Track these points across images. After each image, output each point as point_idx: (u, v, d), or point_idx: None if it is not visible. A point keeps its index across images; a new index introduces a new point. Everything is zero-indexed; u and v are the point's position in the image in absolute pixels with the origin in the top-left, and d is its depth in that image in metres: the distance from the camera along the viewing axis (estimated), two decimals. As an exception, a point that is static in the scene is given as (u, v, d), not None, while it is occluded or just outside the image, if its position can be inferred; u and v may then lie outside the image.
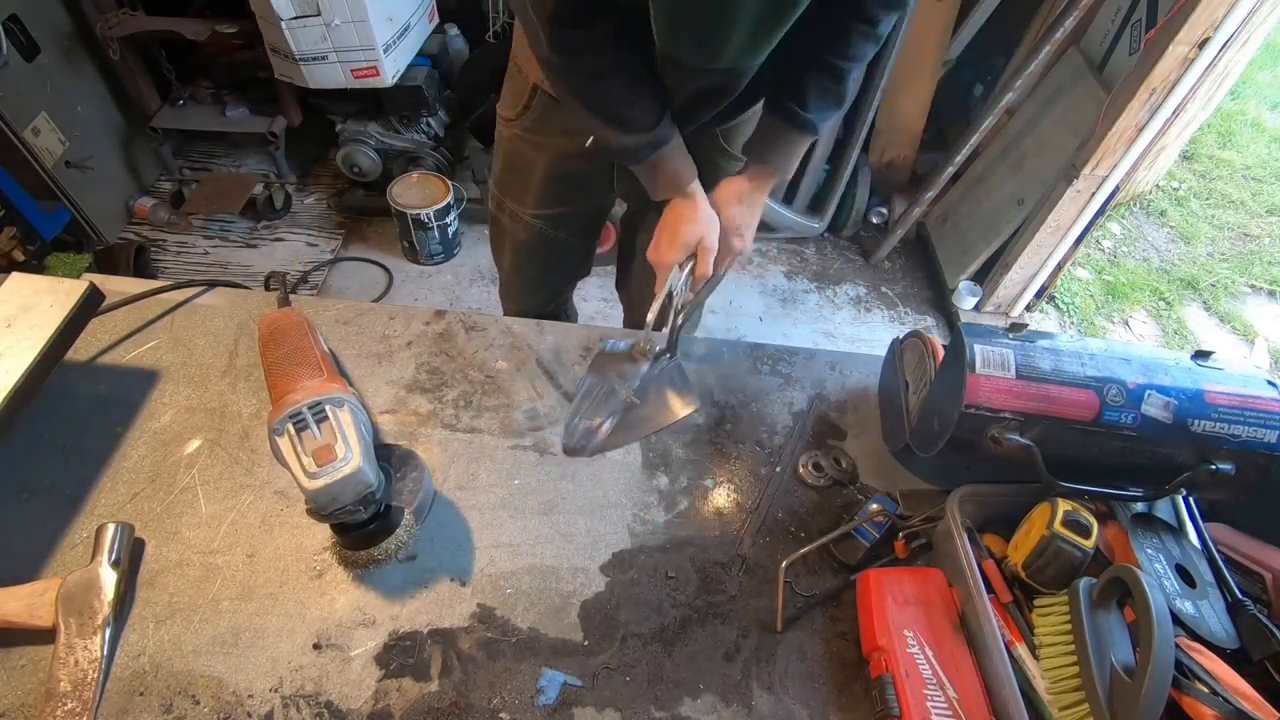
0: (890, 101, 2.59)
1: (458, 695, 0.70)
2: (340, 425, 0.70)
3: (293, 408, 0.70)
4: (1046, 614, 0.71)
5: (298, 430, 0.69)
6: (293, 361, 0.79)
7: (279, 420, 0.69)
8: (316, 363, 0.79)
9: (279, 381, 0.76)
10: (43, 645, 0.67)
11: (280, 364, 0.79)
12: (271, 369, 0.80)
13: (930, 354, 0.88)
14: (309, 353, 0.80)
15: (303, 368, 0.77)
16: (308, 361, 0.79)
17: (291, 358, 0.79)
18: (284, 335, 0.83)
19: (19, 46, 1.97)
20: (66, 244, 2.27)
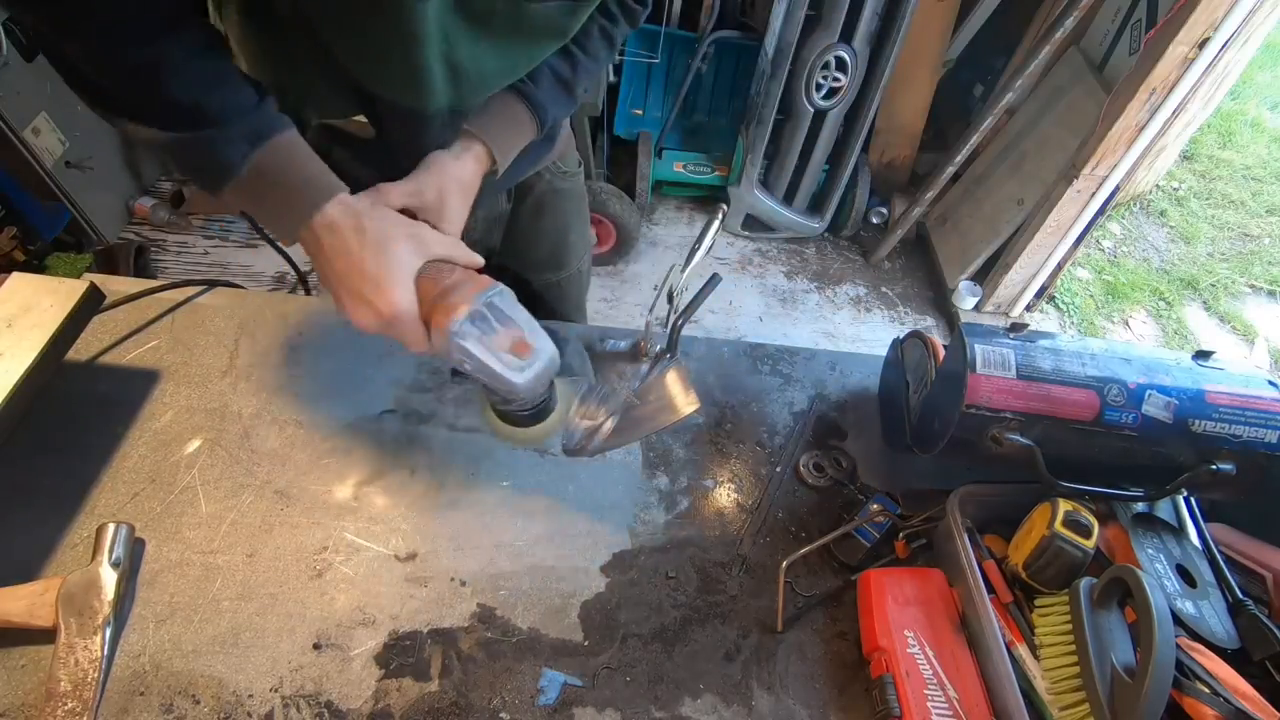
0: (890, 101, 2.59)
1: (458, 695, 0.70)
2: (515, 313, 0.66)
3: (467, 308, 0.62)
4: (1047, 614, 0.71)
5: (482, 331, 0.64)
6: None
7: (457, 325, 0.62)
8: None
9: (422, 284, 0.66)
10: (43, 645, 0.67)
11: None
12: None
13: (930, 354, 0.88)
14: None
15: (437, 264, 0.68)
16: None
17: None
18: None
19: (19, 46, 1.96)
20: (66, 244, 2.27)
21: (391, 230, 0.63)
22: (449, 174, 0.71)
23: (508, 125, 0.76)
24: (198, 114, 0.55)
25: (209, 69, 0.57)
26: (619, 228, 2.48)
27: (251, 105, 0.58)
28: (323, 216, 0.61)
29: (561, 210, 1.10)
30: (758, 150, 2.43)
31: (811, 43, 2.16)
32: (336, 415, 0.89)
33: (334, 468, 0.84)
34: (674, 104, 2.46)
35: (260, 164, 0.58)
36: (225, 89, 0.57)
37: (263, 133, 0.58)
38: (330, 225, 0.61)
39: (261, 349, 0.94)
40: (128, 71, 0.54)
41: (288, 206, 0.61)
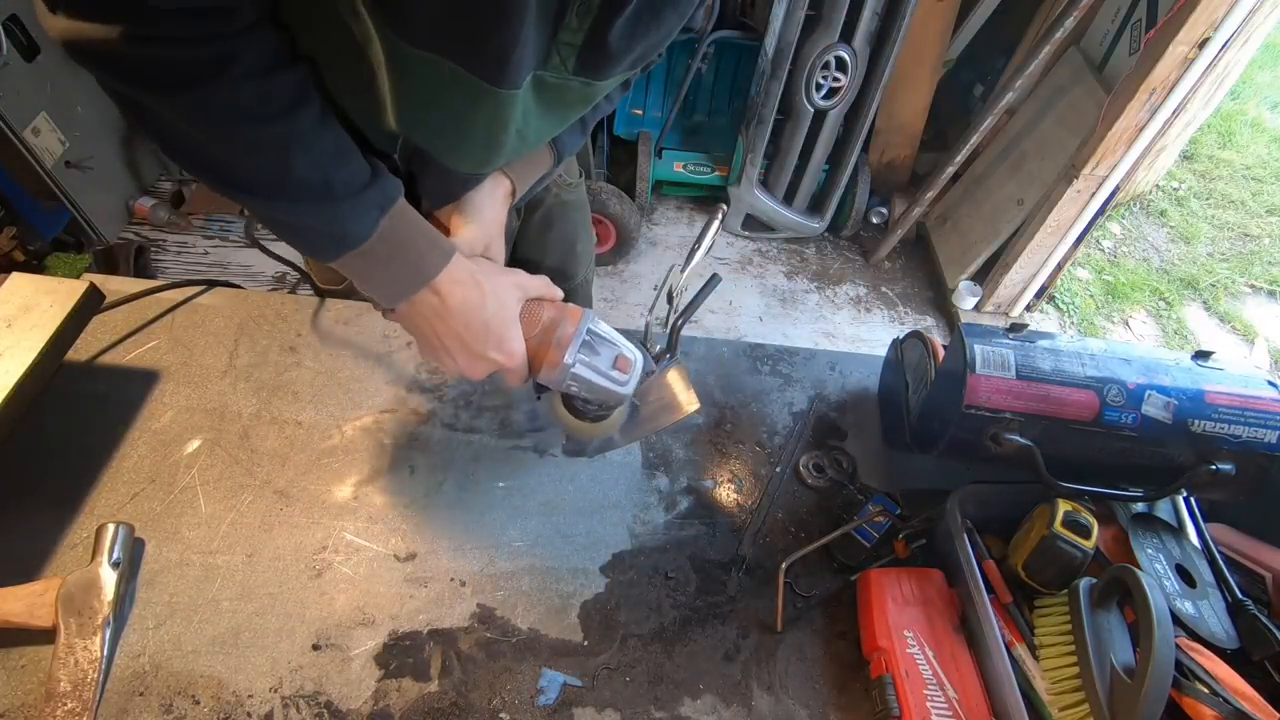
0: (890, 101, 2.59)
1: (458, 695, 0.70)
2: (607, 334, 0.73)
3: (576, 338, 0.69)
4: (1046, 614, 0.71)
5: (588, 356, 0.70)
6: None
7: (570, 357, 0.68)
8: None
9: (526, 321, 0.71)
10: (43, 645, 0.67)
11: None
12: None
13: (930, 354, 0.88)
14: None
15: (531, 301, 0.73)
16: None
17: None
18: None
19: (19, 46, 1.96)
20: (66, 244, 2.27)
21: (502, 281, 0.66)
22: (491, 220, 0.72)
23: (532, 163, 0.78)
24: (327, 188, 0.54)
25: (335, 141, 0.55)
26: (619, 228, 2.48)
27: (371, 173, 0.57)
28: (449, 274, 0.61)
29: (569, 221, 1.11)
30: (758, 150, 2.43)
31: (811, 43, 2.16)
32: (336, 415, 0.89)
33: (334, 468, 0.84)
34: (674, 104, 2.46)
35: (387, 230, 0.58)
36: (352, 160, 0.56)
37: (389, 199, 0.58)
38: (456, 281, 0.62)
39: (261, 349, 0.94)
40: (254, 150, 0.52)
41: (415, 268, 0.61)
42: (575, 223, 1.14)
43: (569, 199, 1.10)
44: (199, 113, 0.49)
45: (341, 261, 0.59)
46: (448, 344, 0.65)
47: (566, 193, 1.09)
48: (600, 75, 0.61)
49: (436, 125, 0.61)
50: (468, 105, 0.58)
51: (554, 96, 0.63)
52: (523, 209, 1.06)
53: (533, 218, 1.07)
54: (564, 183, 1.08)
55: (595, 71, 0.60)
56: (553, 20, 0.54)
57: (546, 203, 1.07)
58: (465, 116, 0.59)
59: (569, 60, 0.58)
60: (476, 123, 0.60)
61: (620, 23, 0.54)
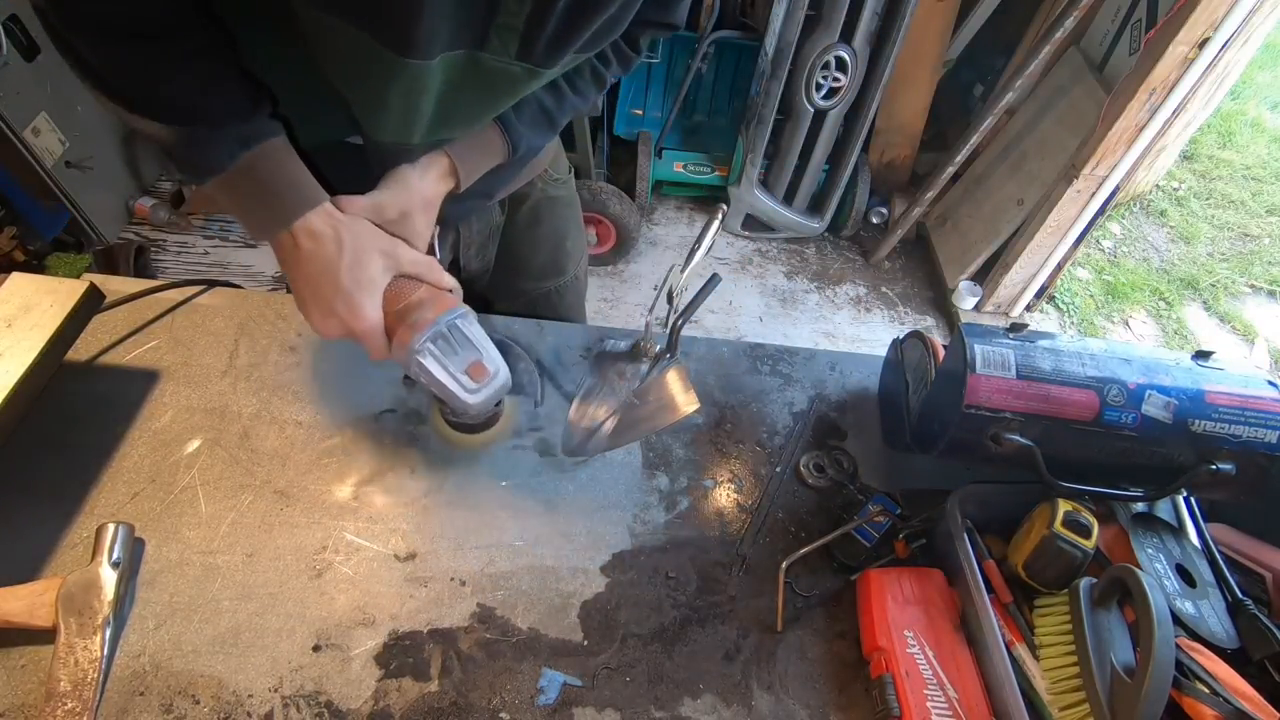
0: (890, 101, 2.59)
1: (458, 695, 0.70)
2: (479, 340, 0.70)
3: (430, 327, 0.66)
4: (1046, 614, 0.71)
5: (442, 350, 0.68)
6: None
7: (419, 342, 0.66)
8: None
9: (390, 297, 0.69)
10: (43, 645, 0.67)
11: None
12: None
13: (930, 354, 0.88)
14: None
15: (405, 279, 0.71)
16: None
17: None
18: None
19: (19, 46, 1.96)
20: (66, 244, 2.27)
21: (369, 243, 0.65)
22: (414, 190, 0.71)
23: (477, 147, 0.76)
24: (192, 113, 0.57)
25: (206, 70, 0.58)
26: (619, 228, 2.48)
27: (245, 110, 0.59)
28: (305, 222, 0.62)
29: (557, 217, 1.10)
30: (758, 150, 2.43)
31: (811, 43, 2.16)
32: (336, 415, 0.89)
33: (334, 468, 0.84)
34: (674, 104, 2.46)
35: (248, 163, 0.60)
36: (221, 92, 0.59)
37: (253, 137, 0.60)
38: (311, 232, 0.62)
39: (261, 349, 0.94)
40: (128, 67, 0.56)
41: (270, 208, 0.62)
42: (565, 219, 1.12)
43: (557, 194, 1.09)
44: (78, 19, 0.53)
45: (206, 187, 0.61)
46: (302, 293, 0.65)
47: (554, 188, 1.08)
48: (545, 62, 0.61)
49: (355, 92, 0.63)
50: (379, 74, 0.59)
51: (492, 80, 0.63)
52: (507, 203, 1.05)
53: (519, 211, 1.06)
54: (551, 178, 1.06)
55: (539, 57, 0.60)
56: (485, 1, 0.54)
57: (533, 197, 1.06)
58: (378, 85, 0.60)
59: (510, 45, 0.58)
60: (390, 91, 0.61)
61: (560, 6, 0.54)
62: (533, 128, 0.77)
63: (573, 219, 1.15)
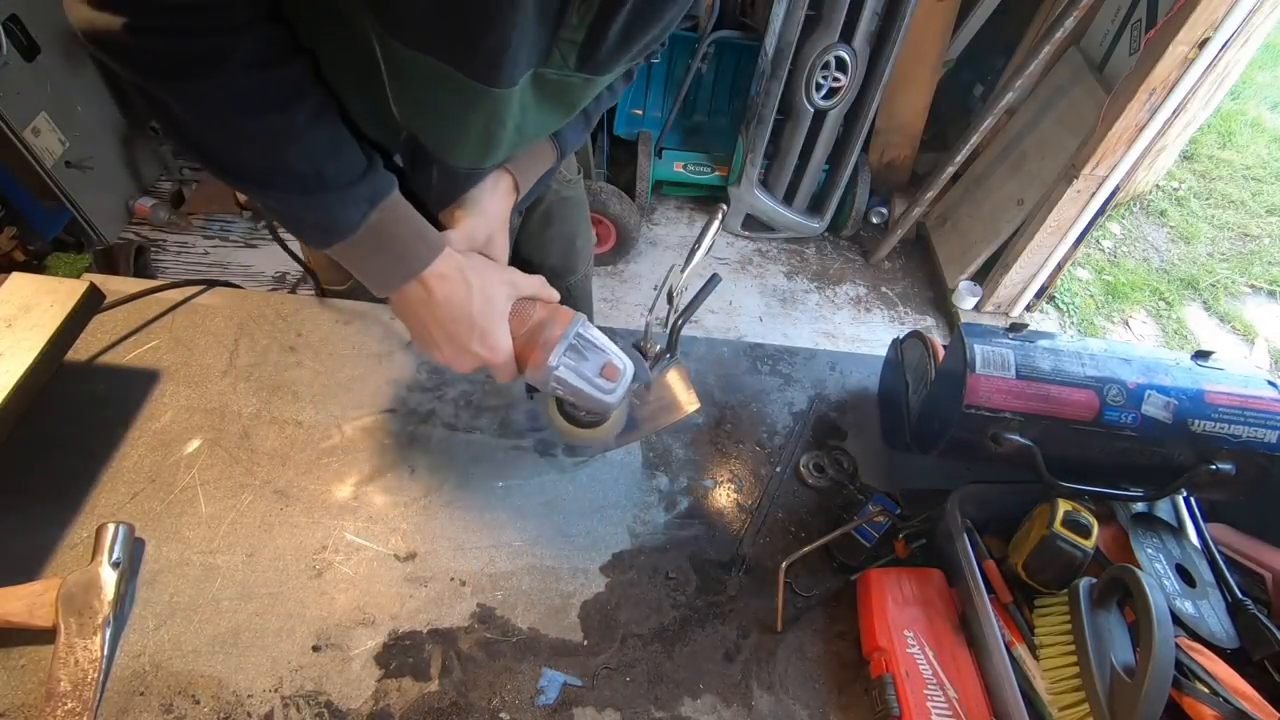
0: (890, 101, 2.59)
1: (458, 695, 0.70)
2: (603, 341, 0.72)
3: (561, 343, 0.69)
4: (1046, 614, 0.71)
5: (575, 361, 0.70)
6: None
7: (555, 359, 0.69)
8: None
9: (514, 320, 0.71)
10: (43, 645, 0.67)
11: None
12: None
13: (930, 354, 0.88)
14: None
15: (522, 301, 0.73)
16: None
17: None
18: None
19: (19, 46, 1.96)
20: (66, 244, 2.27)
21: (492, 277, 0.67)
22: (493, 215, 0.72)
23: (534, 159, 0.77)
24: (319, 180, 0.56)
25: (329, 135, 0.56)
26: (619, 228, 2.48)
27: (365, 167, 0.58)
28: (434, 269, 0.63)
29: (569, 217, 1.11)
30: (758, 150, 2.43)
31: (811, 43, 2.16)
32: (336, 415, 0.89)
33: (334, 468, 0.84)
34: (674, 104, 2.46)
35: (378, 221, 0.60)
36: (346, 154, 0.57)
37: (380, 194, 0.60)
38: (441, 275, 0.63)
39: (261, 349, 0.94)
40: (249, 140, 0.53)
41: (401, 260, 0.62)
42: (575, 219, 1.14)
43: (568, 195, 1.10)
44: (197, 102, 0.51)
45: (332, 250, 0.61)
46: (434, 335, 0.66)
47: (566, 189, 1.09)
48: (602, 70, 0.61)
49: (434, 122, 0.62)
50: (463, 104, 0.58)
51: (554, 92, 0.64)
52: (524, 207, 1.06)
53: (533, 215, 1.07)
54: (563, 179, 1.08)
55: (597, 66, 0.60)
56: (553, 18, 0.54)
57: (546, 199, 1.07)
58: (461, 115, 0.60)
59: (570, 57, 0.58)
60: (472, 121, 0.61)
61: (621, 18, 0.55)
62: (574, 129, 0.79)
63: (582, 218, 1.17)
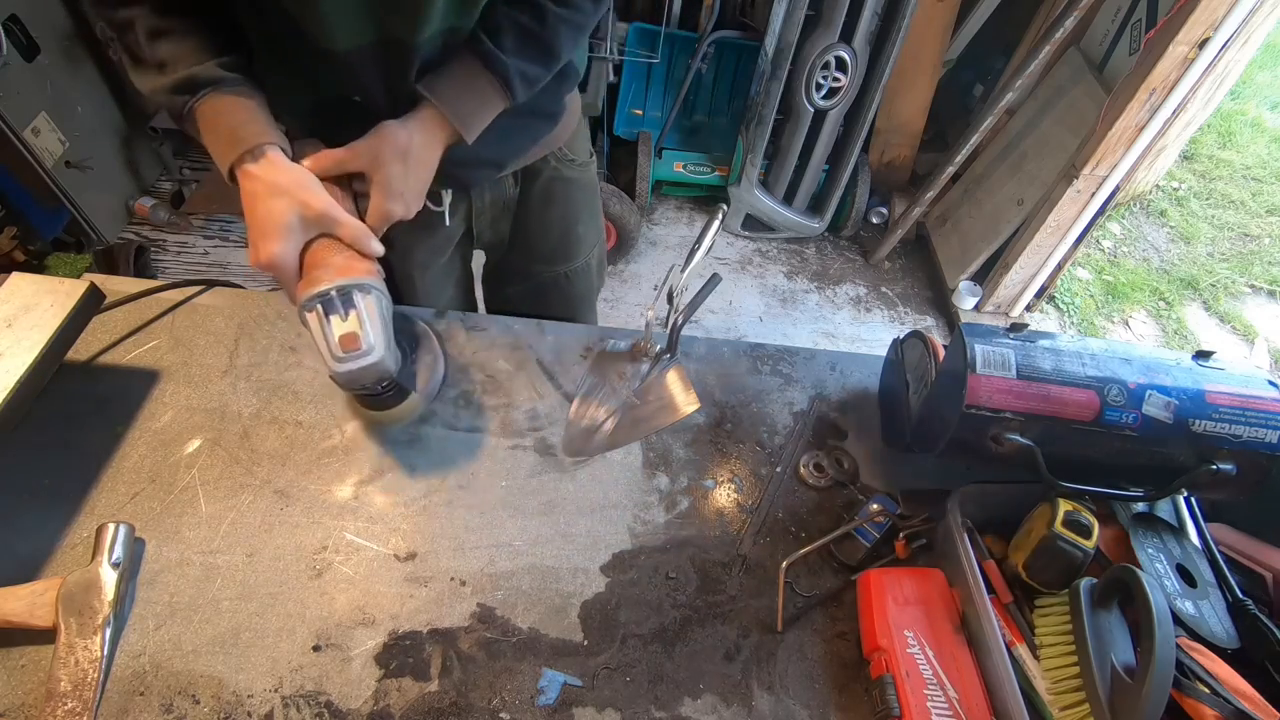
0: (890, 101, 2.59)
1: (458, 695, 0.70)
2: (365, 314, 0.73)
3: (321, 288, 0.72)
4: (1047, 614, 0.71)
5: (326, 312, 0.72)
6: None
7: (307, 299, 0.72)
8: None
9: (313, 252, 0.75)
10: (43, 645, 0.67)
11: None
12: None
13: (931, 354, 0.88)
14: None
15: (335, 241, 0.76)
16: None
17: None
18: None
19: (19, 46, 1.96)
20: (66, 244, 2.27)
21: (282, 186, 0.71)
22: (386, 139, 0.75)
23: (465, 88, 0.76)
24: (159, 68, 0.69)
25: (172, 28, 0.68)
26: (619, 228, 2.48)
27: (199, 63, 0.69)
28: (245, 166, 0.71)
29: (570, 200, 1.09)
30: (758, 150, 2.43)
31: (811, 43, 2.16)
32: (336, 415, 0.89)
33: (334, 468, 0.84)
34: (674, 104, 2.46)
35: (200, 111, 0.70)
36: (182, 46, 0.69)
37: (196, 87, 0.69)
38: (248, 174, 0.71)
39: (261, 349, 0.94)
40: (114, 25, 0.69)
41: (219, 152, 0.71)
42: (577, 203, 1.10)
43: (571, 176, 1.06)
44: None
45: (185, 129, 0.72)
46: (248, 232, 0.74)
47: (569, 169, 1.05)
48: None
49: None
50: None
51: None
52: (520, 177, 1.04)
53: (532, 188, 1.05)
54: (565, 157, 1.04)
55: None
56: None
57: (544, 175, 1.04)
58: None
59: None
60: None
61: None
62: (520, 54, 0.76)
63: (586, 204, 1.13)
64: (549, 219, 1.10)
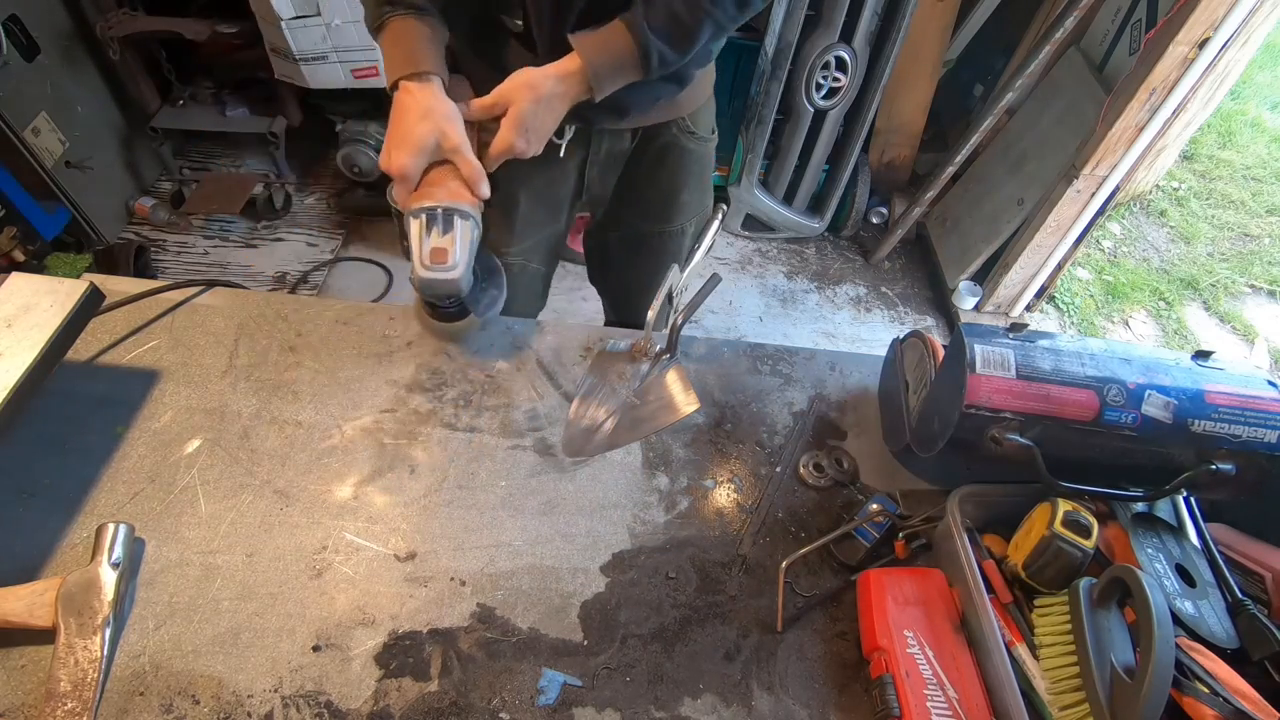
0: (890, 101, 2.59)
1: (458, 695, 0.70)
2: (459, 236, 0.82)
3: (430, 203, 0.82)
4: (1046, 614, 0.71)
5: (428, 224, 0.82)
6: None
7: (417, 208, 0.82)
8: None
9: (433, 173, 0.85)
10: (43, 645, 0.67)
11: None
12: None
13: (930, 354, 0.88)
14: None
15: (455, 170, 0.85)
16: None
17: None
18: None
19: (19, 46, 1.97)
20: (66, 244, 2.27)
21: (433, 110, 0.82)
22: (527, 80, 0.84)
23: (607, 52, 0.84)
24: None
25: None
26: (619, 228, 2.47)
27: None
28: (406, 85, 0.82)
29: (681, 167, 1.13)
30: (758, 150, 2.43)
31: (811, 43, 2.16)
32: (336, 415, 0.89)
33: (334, 468, 0.84)
34: (674, 104, 2.46)
35: (391, 25, 0.83)
36: None
37: (393, 12, 0.82)
38: (407, 90, 0.83)
39: (261, 349, 0.94)
40: None
41: (393, 65, 0.83)
42: (687, 171, 1.14)
43: (689, 146, 1.10)
44: None
45: (376, 40, 0.85)
46: (387, 138, 0.84)
47: (688, 140, 1.10)
48: None
49: None
50: None
51: None
52: (639, 136, 1.08)
53: (648, 148, 1.09)
54: (686, 129, 1.08)
55: None
56: None
57: (664, 138, 1.08)
58: None
59: None
60: None
61: None
62: (665, 37, 0.84)
63: (696, 175, 1.17)
64: (657, 179, 1.13)
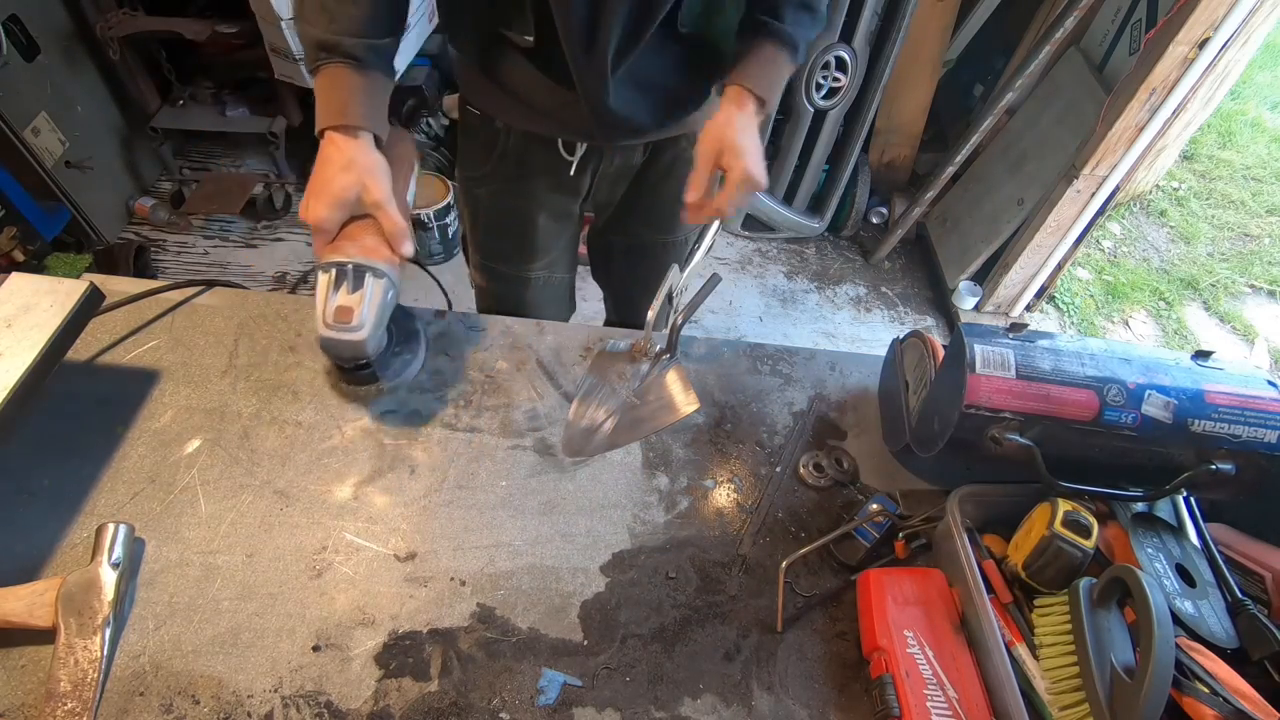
0: (890, 101, 2.59)
1: (458, 695, 0.70)
2: (370, 295, 0.79)
3: (341, 258, 0.79)
4: (1046, 614, 0.71)
5: (336, 280, 0.79)
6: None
7: (328, 261, 0.79)
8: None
9: (352, 226, 0.82)
10: (43, 645, 0.67)
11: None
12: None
13: (930, 354, 0.88)
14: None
15: (376, 226, 0.83)
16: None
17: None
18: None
19: (19, 46, 1.97)
20: (66, 244, 2.27)
21: (356, 163, 0.79)
22: (726, 130, 0.86)
23: (763, 64, 0.87)
24: (317, 20, 0.78)
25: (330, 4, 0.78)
26: (619, 228, 2.47)
27: (342, 34, 0.77)
28: (330, 136, 0.79)
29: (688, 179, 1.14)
30: (758, 150, 2.43)
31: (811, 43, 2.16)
32: (336, 415, 0.89)
33: (334, 468, 0.84)
34: (674, 104, 2.46)
35: (323, 75, 0.79)
36: (337, 20, 0.78)
37: (329, 58, 0.78)
38: (333, 140, 0.79)
39: (261, 349, 0.94)
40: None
41: (323, 112, 0.80)
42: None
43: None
44: None
45: (309, 77, 0.82)
46: (308, 187, 0.81)
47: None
48: None
49: None
50: None
51: None
52: (649, 148, 1.08)
53: (658, 160, 1.10)
54: (695, 141, 1.09)
55: None
56: None
57: (673, 153, 1.09)
58: None
59: None
60: None
61: None
62: (797, 22, 0.86)
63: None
64: (663, 190, 1.14)
